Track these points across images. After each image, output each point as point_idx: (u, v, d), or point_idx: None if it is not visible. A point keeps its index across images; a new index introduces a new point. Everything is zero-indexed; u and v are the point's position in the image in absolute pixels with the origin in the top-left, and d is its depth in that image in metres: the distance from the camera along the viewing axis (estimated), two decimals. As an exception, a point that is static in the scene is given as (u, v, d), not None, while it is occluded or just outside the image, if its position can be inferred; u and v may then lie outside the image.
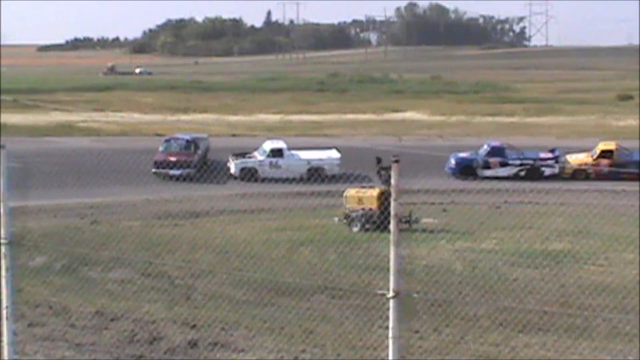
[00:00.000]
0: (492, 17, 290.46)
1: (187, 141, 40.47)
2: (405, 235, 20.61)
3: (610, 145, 40.62)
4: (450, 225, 26.47)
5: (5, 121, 55.98)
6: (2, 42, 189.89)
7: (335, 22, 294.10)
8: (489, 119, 66.06)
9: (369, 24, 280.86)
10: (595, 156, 39.76)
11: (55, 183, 32.61)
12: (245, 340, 14.03)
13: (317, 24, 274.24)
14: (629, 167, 37.96)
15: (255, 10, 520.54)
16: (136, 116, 65.28)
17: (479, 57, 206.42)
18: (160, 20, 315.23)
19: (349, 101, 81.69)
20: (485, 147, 40.40)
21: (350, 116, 68.44)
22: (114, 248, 20.79)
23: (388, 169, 18.49)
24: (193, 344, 13.69)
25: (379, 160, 28.94)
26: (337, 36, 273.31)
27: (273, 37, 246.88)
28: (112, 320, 15.20)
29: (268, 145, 40.31)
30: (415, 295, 12.02)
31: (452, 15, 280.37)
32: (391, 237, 8.11)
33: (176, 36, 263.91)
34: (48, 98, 76.31)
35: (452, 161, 39.44)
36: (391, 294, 8.16)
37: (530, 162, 39.45)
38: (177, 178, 36.67)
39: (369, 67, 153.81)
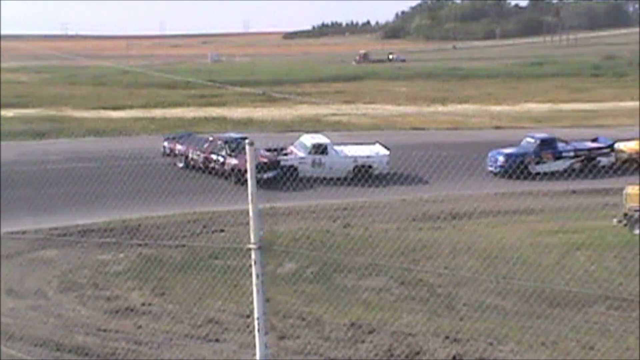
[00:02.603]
0: None
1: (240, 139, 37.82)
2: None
3: None
4: None
5: (250, 116, 58.33)
6: (249, 30, 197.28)
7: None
8: None
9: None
10: None
11: (302, 182, 33.56)
12: (515, 355, 13.84)
13: (590, 1, 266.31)
14: None
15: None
16: (389, 108, 65.89)
17: None
18: (415, 2, 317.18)
19: (627, 87, 78.72)
20: (530, 139, 39.22)
21: (629, 104, 65.87)
22: (368, 253, 21.05)
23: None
24: (457, 360, 13.62)
25: None
26: (613, 14, 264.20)
27: (540, 17, 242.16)
28: (368, 332, 15.39)
29: (308, 139, 38.84)
30: None
31: None
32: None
33: (432, 18, 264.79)
34: (294, 90, 78.55)
35: (500, 158, 37.53)
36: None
37: (585, 152, 38.89)
38: (269, 181, 34.19)
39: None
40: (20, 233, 24.94)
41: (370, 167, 37.54)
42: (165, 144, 39.39)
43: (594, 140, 40.35)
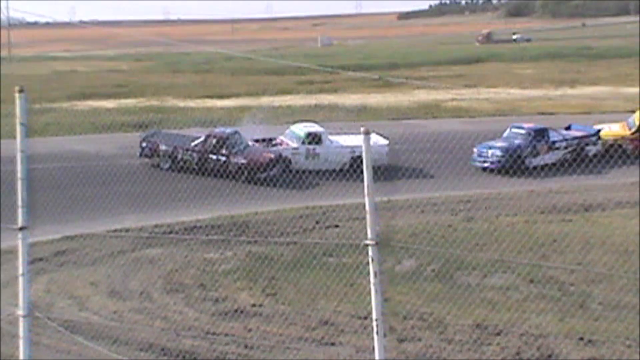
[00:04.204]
0: None
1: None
2: None
3: None
4: None
5: (364, 102, 58.35)
6: (362, 11, 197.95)
7: None
8: None
9: None
10: (634, 129, 38.96)
11: (419, 171, 33.58)
12: (657, 361, 13.57)
13: None
14: None
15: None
16: (513, 92, 65.28)
17: None
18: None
19: None
20: (518, 130, 37.97)
21: None
22: (493, 249, 20.90)
23: None
24: (590, 364, 13.45)
25: None
26: None
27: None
28: (495, 334, 15.29)
29: (301, 129, 37.71)
30: None
31: None
32: None
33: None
34: (410, 74, 78.40)
35: (496, 152, 35.87)
36: None
37: (574, 142, 38.06)
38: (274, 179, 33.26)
39: None
40: (123, 231, 25.41)
41: None
42: (144, 143, 36.71)
43: (567, 128, 39.56)
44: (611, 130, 39.91)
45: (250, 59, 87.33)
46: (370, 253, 8.89)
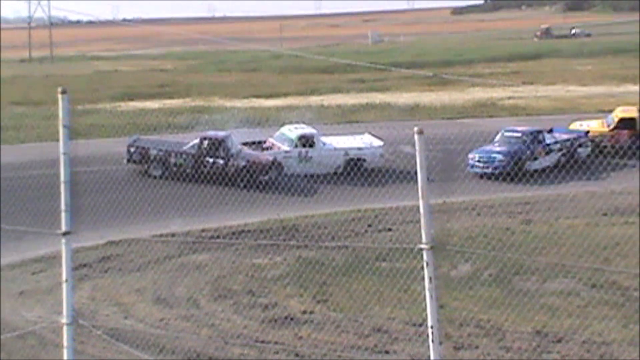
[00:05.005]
0: None
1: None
2: None
3: (631, 112, 40.41)
4: None
5: (417, 101, 58.26)
6: (414, 6, 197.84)
7: None
8: None
9: None
10: (612, 126, 39.54)
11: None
12: None
13: None
14: None
15: None
16: (573, 89, 64.90)
17: None
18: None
19: None
20: (512, 134, 37.24)
21: None
22: (553, 253, 20.80)
23: None
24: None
25: None
26: None
27: None
28: (555, 342, 15.21)
29: (291, 131, 37.17)
30: None
31: None
32: None
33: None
34: (465, 71, 78.18)
35: (497, 157, 35.00)
36: None
37: (568, 144, 37.65)
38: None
39: None
40: (169, 236, 25.55)
41: (364, 160, 35.91)
42: (132, 149, 35.59)
43: (550, 131, 39.06)
44: (589, 127, 40.17)
45: (298, 56, 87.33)
46: (424, 257, 8.89)
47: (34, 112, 52.03)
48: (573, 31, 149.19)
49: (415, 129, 8.81)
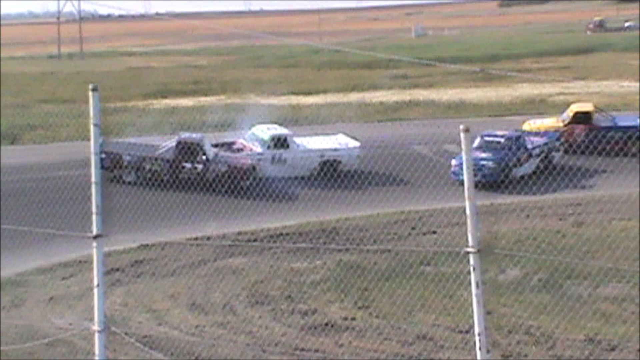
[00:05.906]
0: None
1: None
2: None
3: (587, 106, 41.82)
4: None
5: (462, 98, 58.09)
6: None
7: None
8: None
9: None
10: (567, 121, 40.34)
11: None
12: None
13: None
14: (611, 134, 38.45)
15: None
16: (626, 84, 64.42)
17: None
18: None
19: None
20: (493, 138, 36.19)
21: None
22: (606, 257, 20.69)
23: None
24: None
25: None
26: None
27: None
28: (609, 350, 15.15)
29: (264, 131, 36.50)
30: None
31: None
32: None
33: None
34: (513, 66, 77.85)
35: (487, 164, 33.99)
36: None
37: (545, 148, 37.29)
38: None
39: None
40: (204, 239, 25.60)
41: (339, 162, 35.39)
42: (103, 155, 31.48)
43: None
44: (543, 123, 41.04)
45: (338, 51, 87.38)
46: (471, 261, 8.87)
47: (63, 110, 52.26)
48: (627, 24, 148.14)
49: (461, 126, 8.80)
